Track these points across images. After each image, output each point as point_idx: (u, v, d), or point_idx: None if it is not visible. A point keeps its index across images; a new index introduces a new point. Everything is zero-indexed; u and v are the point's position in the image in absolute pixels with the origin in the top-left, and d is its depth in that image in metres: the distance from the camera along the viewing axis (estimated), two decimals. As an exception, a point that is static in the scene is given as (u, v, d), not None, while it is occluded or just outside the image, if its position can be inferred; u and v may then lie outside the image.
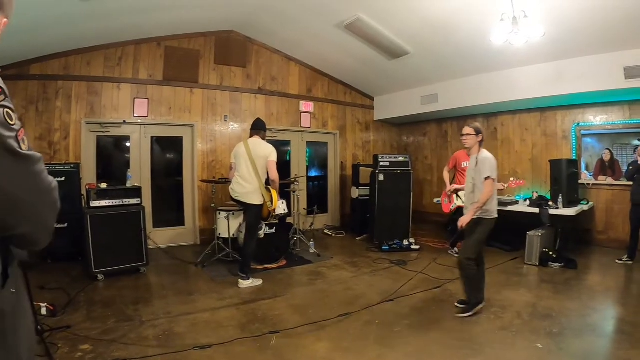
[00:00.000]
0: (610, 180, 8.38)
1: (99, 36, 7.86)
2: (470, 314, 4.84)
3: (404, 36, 8.34)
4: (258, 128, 6.40)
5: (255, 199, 6.08)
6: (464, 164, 7.43)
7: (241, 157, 6.18)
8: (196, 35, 9.23)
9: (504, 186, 6.85)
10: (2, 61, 7.24)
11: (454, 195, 7.39)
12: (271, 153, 6.15)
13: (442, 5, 6.91)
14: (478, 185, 4.93)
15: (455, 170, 7.94)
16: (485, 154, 4.97)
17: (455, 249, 7.93)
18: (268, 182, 6.26)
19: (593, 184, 8.61)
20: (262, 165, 6.10)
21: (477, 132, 5.06)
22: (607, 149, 8.51)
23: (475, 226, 4.93)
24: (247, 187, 6.07)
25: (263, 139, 6.40)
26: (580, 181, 8.50)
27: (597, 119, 8.59)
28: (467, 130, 5.11)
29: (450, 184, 7.55)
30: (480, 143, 5.06)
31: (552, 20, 6.37)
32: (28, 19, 6.12)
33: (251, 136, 6.40)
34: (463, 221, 4.93)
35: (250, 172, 6.07)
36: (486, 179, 4.80)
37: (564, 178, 7.76)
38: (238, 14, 8.66)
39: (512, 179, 7.07)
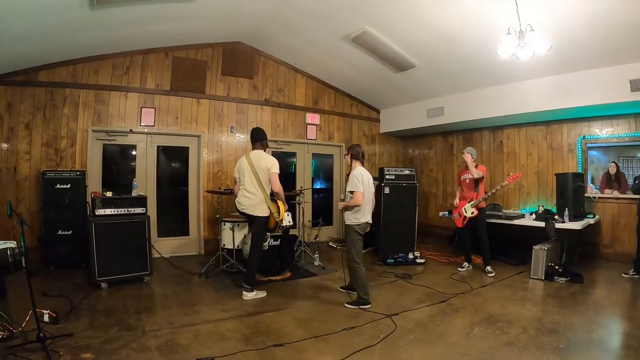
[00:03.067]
0: (616, 194, 8.33)
1: (107, 45, 7.92)
2: (355, 307, 5.68)
3: (410, 49, 8.36)
4: (258, 139, 6.40)
5: (261, 211, 6.07)
6: (462, 177, 7.83)
7: (245, 171, 6.17)
8: (204, 45, 9.29)
9: (501, 186, 7.50)
10: (10, 67, 7.30)
11: (462, 209, 7.64)
12: (272, 165, 6.14)
13: (448, 19, 6.93)
14: (349, 195, 5.88)
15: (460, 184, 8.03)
16: (355, 171, 5.93)
17: (466, 264, 7.94)
18: (273, 193, 6.26)
19: (599, 198, 8.57)
20: (265, 177, 6.11)
21: (348, 152, 6.22)
22: (613, 162, 8.45)
23: (346, 233, 6.02)
24: (253, 200, 6.06)
25: (265, 149, 6.42)
26: (586, 194, 8.47)
27: (603, 132, 8.56)
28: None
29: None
30: (355, 159, 6.10)
31: (558, 33, 6.38)
32: (36, 26, 6.19)
33: (253, 148, 6.41)
34: (339, 205, 6.22)
35: (255, 184, 6.07)
36: (351, 192, 5.80)
37: (570, 191, 7.75)
38: (245, 25, 8.71)
39: (509, 174, 7.41)
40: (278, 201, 6.24)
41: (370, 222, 6.11)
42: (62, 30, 6.70)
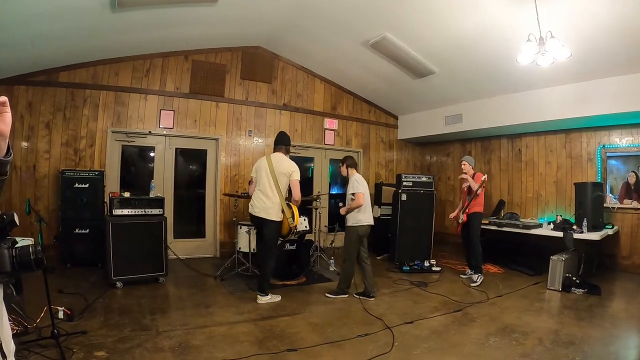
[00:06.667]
0: (635, 204, 8.18)
1: (128, 48, 8.01)
2: (334, 297, 6.34)
3: (429, 55, 8.34)
4: (282, 143, 6.37)
5: (274, 215, 5.99)
6: (463, 185, 7.99)
7: (263, 172, 6.12)
8: (223, 49, 9.35)
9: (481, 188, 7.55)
10: (32, 67, 7.40)
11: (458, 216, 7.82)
12: (294, 172, 6.09)
13: (468, 26, 6.90)
14: (348, 198, 6.50)
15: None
16: (353, 176, 6.53)
17: (468, 271, 7.92)
18: (289, 198, 6.24)
19: (618, 208, 8.44)
20: (284, 182, 6.05)
21: (343, 162, 6.75)
22: (633, 171, 8.30)
23: (346, 233, 6.55)
24: (267, 203, 5.99)
25: (287, 154, 6.36)
26: (605, 205, 8.34)
27: (622, 140, 8.45)
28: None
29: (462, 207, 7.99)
30: (352, 167, 6.65)
31: (578, 40, 6.31)
32: (58, 28, 6.27)
33: (275, 151, 6.37)
34: (341, 211, 6.64)
35: (272, 187, 6.01)
36: (353, 194, 6.34)
37: (589, 201, 7.64)
38: (265, 30, 8.77)
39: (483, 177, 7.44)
40: (293, 207, 6.16)
41: (372, 224, 6.59)
42: (83, 33, 6.79)
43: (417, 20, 7.18)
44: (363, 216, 6.39)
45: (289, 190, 6.21)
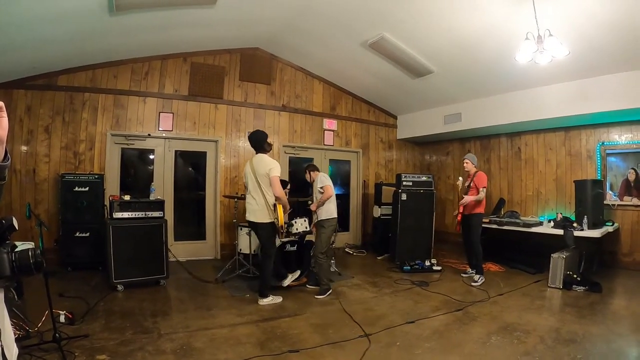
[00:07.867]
0: (635, 201, 8.19)
1: (126, 50, 8.01)
2: (324, 296, 6.41)
3: (428, 55, 8.34)
4: (258, 144, 6.22)
5: (264, 217, 5.95)
6: (466, 184, 7.86)
7: (248, 177, 6.12)
8: (222, 51, 9.35)
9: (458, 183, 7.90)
10: (31, 71, 7.40)
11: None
12: (272, 169, 5.91)
13: (466, 25, 6.91)
14: (317, 195, 6.97)
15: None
16: (319, 175, 7.13)
17: (469, 270, 7.93)
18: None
19: (618, 205, 8.44)
20: (266, 183, 5.93)
21: (306, 170, 7.41)
22: (633, 168, 8.29)
23: (319, 228, 6.87)
24: (254, 205, 5.99)
25: (267, 151, 6.25)
26: (605, 202, 8.33)
27: (622, 138, 8.44)
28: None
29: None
30: (314, 170, 7.27)
31: (577, 38, 6.32)
32: (58, 31, 6.27)
33: (256, 153, 6.24)
34: (312, 207, 7.07)
35: (257, 190, 5.97)
36: (321, 187, 6.85)
37: (589, 199, 7.62)
38: (264, 31, 8.76)
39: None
40: (278, 206, 6.02)
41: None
42: (82, 36, 6.79)
43: (415, 19, 7.18)
44: (333, 208, 6.89)
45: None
